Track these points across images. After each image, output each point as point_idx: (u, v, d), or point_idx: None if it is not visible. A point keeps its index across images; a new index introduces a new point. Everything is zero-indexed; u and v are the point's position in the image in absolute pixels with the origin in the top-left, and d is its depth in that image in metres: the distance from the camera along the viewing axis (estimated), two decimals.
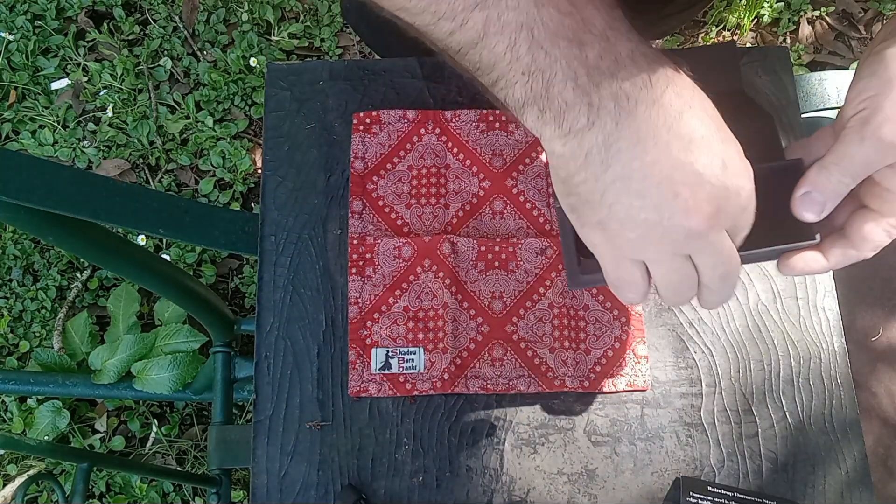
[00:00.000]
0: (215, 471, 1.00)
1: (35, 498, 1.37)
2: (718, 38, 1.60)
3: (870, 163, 0.38)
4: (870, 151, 0.38)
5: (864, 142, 0.38)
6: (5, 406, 1.42)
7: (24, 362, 1.43)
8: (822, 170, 0.40)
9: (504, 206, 0.63)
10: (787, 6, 1.61)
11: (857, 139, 0.38)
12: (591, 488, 0.57)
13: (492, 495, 0.57)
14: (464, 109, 0.65)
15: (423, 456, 0.58)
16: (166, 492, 1.37)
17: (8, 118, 1.57)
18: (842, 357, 0.60)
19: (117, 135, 1.54)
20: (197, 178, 1.54)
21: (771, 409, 0.59)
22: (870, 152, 0.38)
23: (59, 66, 1.60)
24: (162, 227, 0.68)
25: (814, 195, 0.40)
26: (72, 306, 1.45)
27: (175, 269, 0.90)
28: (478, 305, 0.61)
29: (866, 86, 0.38)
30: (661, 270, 0.38)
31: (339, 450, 0.58)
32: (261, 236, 0.62)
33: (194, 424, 1.41)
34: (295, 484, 0.57)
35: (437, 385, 0.58)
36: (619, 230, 0.36)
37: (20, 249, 1.49)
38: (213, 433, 1.01)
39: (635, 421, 0.59)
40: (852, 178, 0.39)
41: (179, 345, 1.25)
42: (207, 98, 1.55)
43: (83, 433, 1.40)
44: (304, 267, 0.62)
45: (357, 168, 0.64)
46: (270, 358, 0.60)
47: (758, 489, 0.57)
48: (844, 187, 0.40)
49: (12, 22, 1.61)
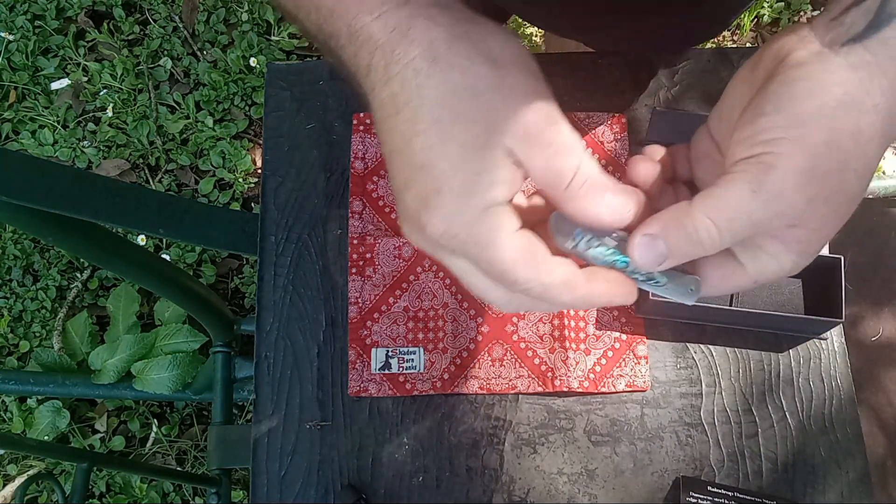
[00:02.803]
0: (215, 471, 1.00)
1: (35, 498, 1.37)
2: (718, 37, 1.60)
3: (756, 224, 0.30)
4: (760, 210, 0.29)
5: (756, 196, 0.29)
6: (5, 406, 1.42)
7: (24, 362, 1.43)
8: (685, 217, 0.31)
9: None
10: (787, 6, 1.61)
11: (747, 191, 0.29)
12: (591, 488, 0.57)
13: (492, 495, 0.57)
14: None
15: (423, 456, 0.58)
16: (166, 492, 1.37)
17: (8, 118, 1.57)
18: (842, 357, 0.60)
19: (117, 135, 1.54)
20: (197, 178, 1.54)
21: (771, 409, 0.59)
22: (760, 211, 0.29)
23: (59, 66, 1.60)
24: (162, 227, 0.68)
25: (660, 245, 0.31)
26: (72, 306, 1.45)
27: (175, 269, 0.90)
28: (478, 305, 0.61)
29: (769, 123, 0.30)
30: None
31: (339, 450, 0.58)
32: (261, 236, 0.62)
33: (194, 424, 1.41)
34: (295, 484, 0.57)
35: (437, 385, 0.58)
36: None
37: (20, 249, 1.49)
38: (213, 433, 1.01)
39: (635, 421, 0.59)
40: (729, 239, 0.30)
41: (179, 345, 1.25)
42: (207, 98, 1.55)
43: (83, 433, 1.40)
44: (304, 267, 0.62)
45: (357, 168, 0.64)
46: (270, 358, 0.60)
47: (758, 489, 0.57)
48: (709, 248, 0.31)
49: (12, 22, 1.61)
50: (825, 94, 0.30)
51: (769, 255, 0.32)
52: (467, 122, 0.30)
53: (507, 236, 0.31)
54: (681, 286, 0.34)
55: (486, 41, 0.31)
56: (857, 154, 0.30)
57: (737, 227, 0.30)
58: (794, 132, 0.29)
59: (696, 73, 0.66)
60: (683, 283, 0.34)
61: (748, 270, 0.33)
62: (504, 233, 0.31)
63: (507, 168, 0.30)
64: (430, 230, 0.31)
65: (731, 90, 0.36)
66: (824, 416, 0.59)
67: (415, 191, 0.31)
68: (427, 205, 0.30)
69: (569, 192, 0.31)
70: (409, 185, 0.31)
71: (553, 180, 0.31)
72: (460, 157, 0.30)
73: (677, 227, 0.31)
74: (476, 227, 0.31)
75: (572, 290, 0.32)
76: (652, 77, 0.66)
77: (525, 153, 0.30)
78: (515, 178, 0.31)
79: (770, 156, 0.29)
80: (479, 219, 0.30)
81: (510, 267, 0.31)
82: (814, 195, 0.29)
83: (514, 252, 0.31)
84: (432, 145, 0.30)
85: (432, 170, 0.30)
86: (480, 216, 0.30)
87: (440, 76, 0.30)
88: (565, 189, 0.31)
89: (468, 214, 0.30)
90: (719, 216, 0.30)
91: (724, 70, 0.67)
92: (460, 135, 0.30)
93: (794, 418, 0.59)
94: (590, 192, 0.32)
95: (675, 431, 0.58)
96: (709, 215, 0.30)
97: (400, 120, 0.31)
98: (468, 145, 0.30)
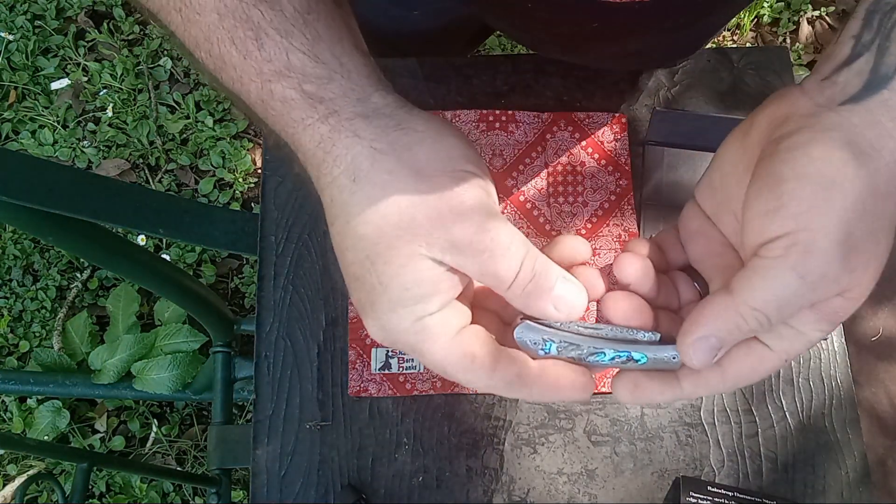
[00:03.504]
0: (215, 471, 1.00)
1: (35, 498, 1.37)
2: (718, 37, 1.60)
3: (802, 304, 0.29)
4: (809, 293, 0.28)
5: (804, 281, 0.28)
6: (5, 406, 1.42)
7: (23, 362, 1.43)
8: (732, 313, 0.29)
9: (504, 206, 0.63)
10: (787, 6, 1.61)
11: (794, 277, 0.28)
12: (591, 488, 0.57)
13: (492, 495, 0.57)
14: (464, 110, 0.65)
15: (423, 456, 0.58)
16: (166, 492, 1.37)
17: (8, 118, 1.56)
18: (842, 357, 0.60)
19: (117, 135, 1.54)
20: (197, 177, 1.54)
21: (771, 409, 0.59)
22: (808, 293, 0.28)
23: (58, 66, 1.60)
24: (162, 227, 0.68)
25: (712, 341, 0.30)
26: (71, 306, 1.45)
27: (175, 268, 0.90)
28: None
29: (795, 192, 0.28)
30: None
31: (339, 450, 0.58)
32: (261, 236, 0.62)
33: (194, 424, 1.41)
34: (295, 484, 0.57)
35: (437, 385, 0.58)
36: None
37: (20, 249, 1.49)
38: (213, 433, 1.01)
39: (635, 421, 0.59)
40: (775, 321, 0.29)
41: (179, 345, 1.25)
42: (207, 98, 1.55)
43: (83, 433, 1.40)
44: (304, 267, 0.62)
45: None
46: (270, 358, 0.60)
47: (758, 489, 0.57)
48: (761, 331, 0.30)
49: (12, 22, 1.61)
50: (842, 154, 0.28)
51: (798, 331, 0.31)
52: (390, 239, 0.29)
53: (441, 345, 0.31)
54: (661, 360, 0.32)
55: (411, 151, 0.30)
56: (882, 212, 0.29)
57: (787, 312, 0.29)
58: (822, 199, 0.28)
59: (696, 73, 0.66)
60: (664, 354, 0.32)
61: (775, 351, 0.31)
62: (438, 342, 0.31)
63: (437, 279, 0.30)
64: (372, 335, 0.32)
65: (721, 159, 0.34)
66: (824, 416, 0.59)
67: (355, 297, 0.32)
68: (365, 314, 0.31)
69: (511, 292, 0.31)
70: (351, 290, 0.32)
71: (493, 283, 0.31)
72: (387, 273, 0.30)
73: (727, 322, 0.30)
74: (411, 337, 0.31)
75: (518, 391, 0.32)
76: (652, 77, 0.67)
77: (456, 262, 0.30)
78: (452, 283, 0.31)
79: (806, 234, 0.28)
80: (412, 330, 0.31)
81: (449, 371, 0.31)
82: (854, 266, 0.29)
83: (450, 358, 0.31)
84: (361, 261, 0.30)
85: (364, 284, 0.31)
86: (413, 327, 0.31)
87: (362, 194, 0.30)
88: (507, 290, 0.31)
89: (402, 325, 0.31)
90: (767, 305, 0.29)
91: (723, 70, 0.67)
92: (385, 251, 0.30)
93: (794, 418, 0.59)
94: (534, 291, 0.31)
95: (675, 431, 0.58)
96: (756, 307, 0.29)
97: (334, 231, 0.31)
98: (393, 262, 0.30)
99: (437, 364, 0.32)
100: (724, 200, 0.34)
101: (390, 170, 0.30)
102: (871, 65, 0.29)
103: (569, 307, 0.32)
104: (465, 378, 0.32)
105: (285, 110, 0.30)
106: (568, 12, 0.49)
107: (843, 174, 0.28)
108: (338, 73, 0.30)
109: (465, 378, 0.31)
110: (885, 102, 0.29)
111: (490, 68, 0.67)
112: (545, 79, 0.65)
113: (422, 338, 0.31)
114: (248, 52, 0.30)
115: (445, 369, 0.32)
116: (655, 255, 0.36)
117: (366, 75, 0.31)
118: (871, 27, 0.30)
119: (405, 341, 0.31)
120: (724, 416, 0.59)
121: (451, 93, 0.66)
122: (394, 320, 0.31)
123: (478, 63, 0.67)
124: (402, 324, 0.31)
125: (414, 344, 0.31)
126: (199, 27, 0.30)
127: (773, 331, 0.31)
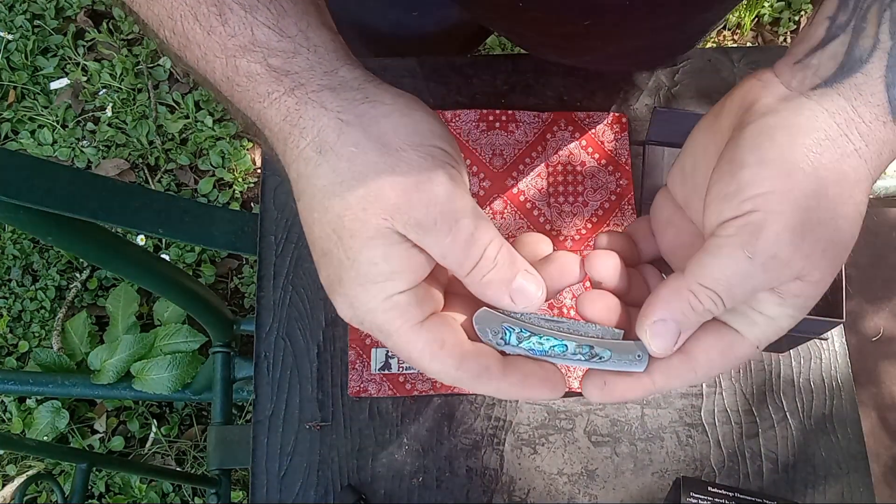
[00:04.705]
0: (215, 471, 1.00)
1: (34, 498, 1.37)
2: (719, 37, 1.60)
3: (756, 287, 0.29)
4: (758, 272, 0.28)
5: (752, 261, 0.28)
6: (4, 406, 1.42)
7: (23, 362, 1.43)
8: (684, 292, 0.29)
9: (504, 205, 0.63)
10: (788, 6, 1.61)
11: (741, 255, 0.28)
12: (591, 488, 0.57)
13: (492, 496, 0.57)
14: (464, 109, 0.65)
15: (423, 456, 0.58)
16: (166, 492, 1.36)
17: (7, 118, 1.56)
18: (842, 357, 0.60)
19: (116, 134, 1.54)
20: (196, 177, 1.54)
21: (771, 410, 0.59)
22: (758, 273, 0.28)
23: (58, 66, 1.60)
24: (162, 227, 0.68)
25: (670, 325, 0.30)
26: (71, 306, 1.45)
27: (175, 269, 0.90)
28: None
29: (753, 176, 0.28)
30: None
31: (339, 450, 0.58)
32: (261, 236, 0.62)
33: (194, 425, 1.41)
34: (295, 484, 0.57)
35: (437, 385, 0.58)
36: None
37: (20, 249, 1.49)
38: (213, 433, 1.01)
39: (635, 421, 0.59)
40: (729, 303, 0.29)
41: (179, 345, 1.25)
42: (207, 97, 1.55)
43: (82, 433, 1.40)
44: (304, 267, 0.62)
45: None
46: (270, 358, 0.60)
47: (758, 489, 0.57)
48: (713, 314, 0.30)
49: (11, 21, 1.61)
50: (806, 140, 0.28)
51: (766, 316, 0.30)
52: (356, 211, 0.29)
53: (409, 329, 0.30)
54: (625, 356, 0.32)
55: (378, 124, 0.29)
56: (846, 200, 0.29)
57: (737, 293, 0.29)
58: (780, 184, 0.28)
59: (696, 72, 0.66)
60: (628, 350, 0.32)
61: (746, 337, 0.31)
62: (406, 325, 0.30)
63: (404, 256, 0.30)
64: (340, 313, 0.31)
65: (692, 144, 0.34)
66: (825, 416, 0.59)
67: (323, 274, 0.31)
68: (333, 290, 0.31)
69: (470, 278, 0.31)
70: (319, 266, 0.31)
71: (454, 267, 0.31)
72: (354, 247, 0.29)
73: (680, 302, 0.29)
74: (379, 316, 0.30)
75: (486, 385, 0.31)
76: (652, 77, 0.66)
77: (421, 240, 0.29)
78: (419, 262, 0.30)
79: (759, 214, 0.28)
80: (380, 308, 0.30)
81: (416, 357, 0.31)
82: (810, 250, 0.28)
83: (417, 344, 0.30)
84: (328, 235, 0.30)
85: (331, 259, 0.30)
86: (381, 305, 0.30)
87: (328, 166, 0.29)
88: (466, 276, 0.31)
89: (370, 303, 0.30)
90: (716, 284, 0.29)
91: (724, 69, 0.66)
92: (351, 224, 0.29)
93: (795, 418, 0.59)
94: (493, 280, 0.31)
95: (675, 432, 0.58)
96: (706, 285, 0.29)
97: (301, 206, 0.31)
98: (360, 235, 0.29)
99: (402, 349, 0.31)
100: (695, 187, 0.33)
101: (357, 142, 0.29)
102: (845, 47, 0.29)
103: (526, 300, 0.31)
104: (431, 367, 0.31)
105: (251, 86, 0.30)
106: (559, 10, 0.48)
107: (806, 160, 0.28)
108: (304, 46, 0.30)
109: (432, 367, 0.31)
110: (858, 87, 0.28)
111: (490, 68, 0.66)
112: (545, 78, 0.65)
113: (390, 317, 0.30)
114: (211, 28, 0.29)
115: (411, 354, 0.31)
116: (627, 247, 0.35)
117: (333, 49, 0.31)
118: (847, 8, 0.29)
119: (372, 321, 0.30)
120: (725, 416, 0.59)
121: (451, 93, 0.66)
122: (362, 297, 0.30)
123: (478, 63, 0.67)
124: (370, 302, 0.30)
125: (381, 324, 0.30)
126: (161, 4, 0.30)
127: (734, 313, 0.31)
